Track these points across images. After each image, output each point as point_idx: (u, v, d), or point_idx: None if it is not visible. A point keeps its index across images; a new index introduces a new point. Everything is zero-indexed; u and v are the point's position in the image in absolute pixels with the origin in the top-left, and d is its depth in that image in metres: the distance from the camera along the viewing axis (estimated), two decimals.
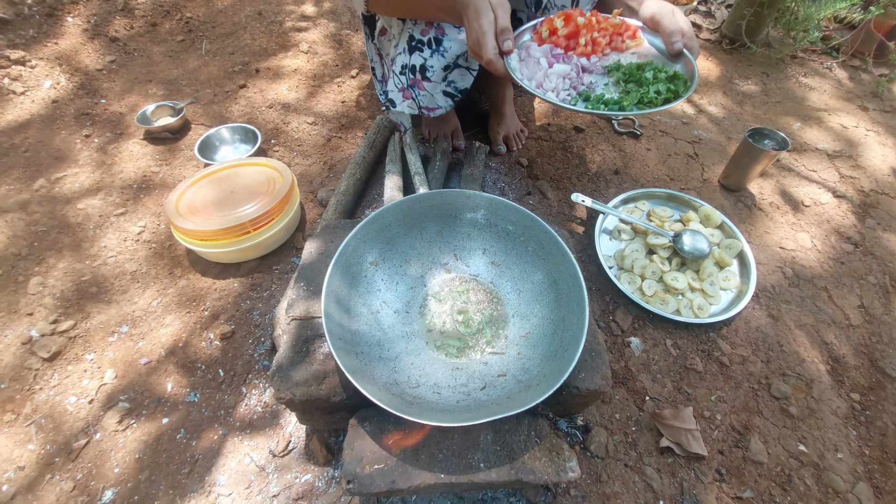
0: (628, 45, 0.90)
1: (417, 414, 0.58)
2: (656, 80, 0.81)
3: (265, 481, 0.84)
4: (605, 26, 0.88)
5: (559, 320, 0.73)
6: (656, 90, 0.79)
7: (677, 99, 0.78)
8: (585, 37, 0.86)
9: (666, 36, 0.83)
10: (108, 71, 1.66)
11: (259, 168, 1.18)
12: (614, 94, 0.83)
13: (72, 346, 1.01)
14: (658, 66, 0.84)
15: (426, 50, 1.02)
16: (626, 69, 0.84)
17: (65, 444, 0.89)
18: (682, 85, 0.80)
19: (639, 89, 0.81)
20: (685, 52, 0.83)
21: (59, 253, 1.15)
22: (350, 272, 0.76)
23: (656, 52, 0.89)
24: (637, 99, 0.79)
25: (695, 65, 0.82)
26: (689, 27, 0.84)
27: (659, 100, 0.78)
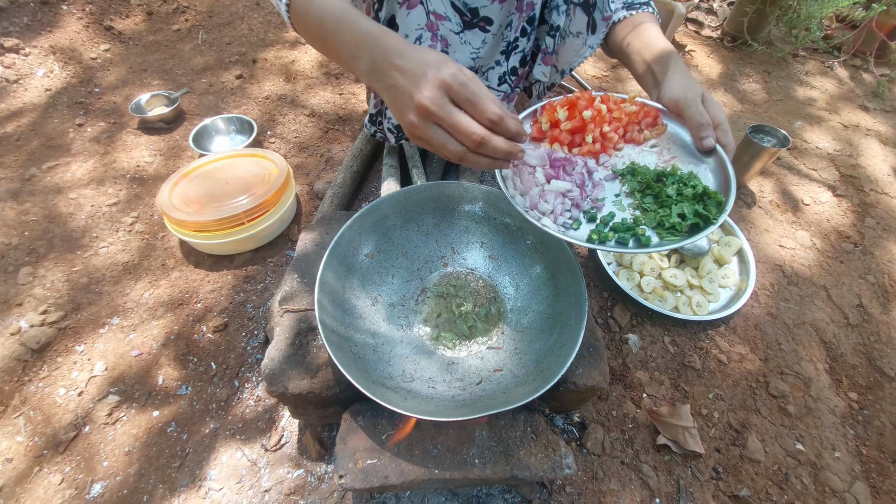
0: (647, 137, 0.71)
1: (411, 408, 0.57)
2: (681, 197, 0.62)
3: (257, 476, 0.83)
4: (618, 115, 0.70)
5: (557, 315, 0.72)
6: (680, 212, 0.60)
7: (707, 227, 0.58)
8: (593, 132, 0.69)
9: (694, 129, 0.66)
10: (103, 60, 1.63)
11: (254, 159, 1.17)
12: (627, 211, 0.64)
13: (62, 338, 0.99)
14: (683, 177, 0.64)
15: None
16: (643, 176, 0.65)
17: (54, 436, 0.88)
18: (713, 206, 0.60)
19: (658, 210, 0.62)
20: (719, 149, 0.65)
21: (50, 243, 1.13)
22: (345, 264, 0.74)
23: (682, 142, 0.70)
24: (656, 221, 0.61)
25: (730, 171, 0.62)
26: (722, 116, 0.65)
27: (683, 226, 0.59)
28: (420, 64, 0.51)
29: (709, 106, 0.66)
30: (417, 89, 0.50)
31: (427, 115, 0.50)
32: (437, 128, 0.50)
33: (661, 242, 0.59)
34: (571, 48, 0.95)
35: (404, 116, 0.52)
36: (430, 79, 0.49)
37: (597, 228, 0.62)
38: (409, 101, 0.51)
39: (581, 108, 0.68)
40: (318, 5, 0.61)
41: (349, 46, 0.58)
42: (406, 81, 0.51)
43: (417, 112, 0.50)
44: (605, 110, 0.69)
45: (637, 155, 0.70)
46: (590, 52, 0.97)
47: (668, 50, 0.75)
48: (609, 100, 0.71)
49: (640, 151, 0.71)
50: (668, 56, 0.74)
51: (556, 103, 0.71)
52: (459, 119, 0.49)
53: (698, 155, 0.67)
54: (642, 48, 0.77)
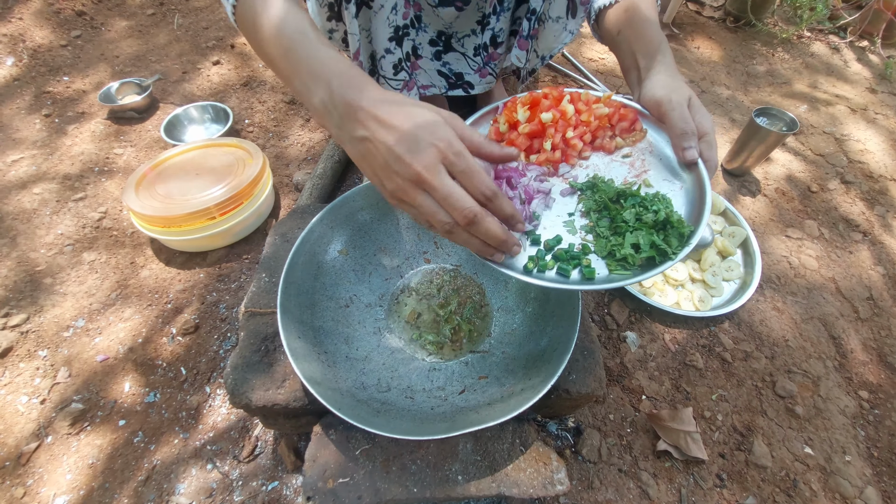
0: (619, 144, 0.61)
1: (384, 425, 0.51)
2: (639, 223, 0.52)
3: (228, 489, 0.77)
4: (586, 118, 0.60)
5: (548, 316, 0.66)
6: (634, 242, 0.50)
7: (663, 263, 0.49)
8: (553, 138, 0.58)
9: (675, 137, 0.56)
10: (73, 47, 1.55)
11: (228, 149, 1.09)
12: (577, 235, 0.55)
13: (24, 342, 0.93)
14: (646, 199, 0.54)
15: (412, 31, 0.91)
16: (602, 195, 0.55)
17: (15, 447, 0.82)
18: (675, 236, 0.50)
19: (611, 237, 0.53)
20: (700, 166, 0.55)
21: (13, 241, 1.06)
22: (315, 262, 0.68)
23: (660, 153, 0.60)
24: (606, 251, 0.52)
25: (707, 194, 0.52)
26: (709, 126, 0.56)
27: (636, 259, 0.50)
28: (408, 121, 0.44)
29: (695, 112, 0.57)
30: (411, 153, 0.43)
31: (419, 183, 0.43)
32: (426, 196, 0.44)
33: (607, 277, 0.50)
34: (551, 33, 0.88)
35: (390, 179, 0.45)
36: (424, 142, 0.43)
37: (536, 255, 0.52)
38: (397, 165, 0.43)
39: (543, 108, 0.59)
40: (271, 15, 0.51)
41: (301, 73, 0.49)
42: (392, 139, 0.43)
43: (409, 178, 0.43)
44: (572, 112, 0.59)
45: (605, 166, 0.60)
46: (570, 37, 0.90)
47: (658, 42, 0.65)
48: (579, 99, 0.61)
49: (610, 162, 0.60)
50: (655, 49, 0.64)
51: (519, 100, 0.61)
52: (453, 190, 0.43)
53: (677, 170, 0.58)
54: (632, 37, 0.67)
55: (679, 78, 0.61)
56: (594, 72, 1.64)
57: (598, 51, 1.76)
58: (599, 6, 0.73)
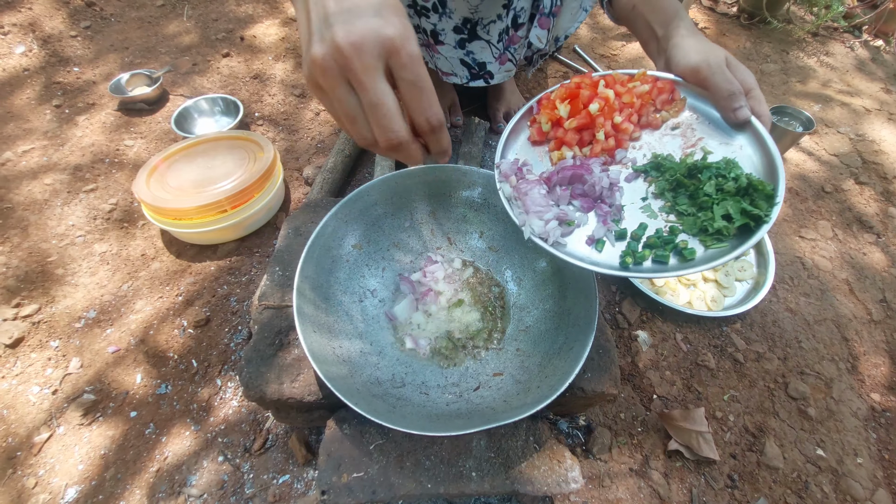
0: (664, 118, 0.59)
1: (400, 420, 0.51)
2: (721, 193, 0.50)
3: (240, 482, 0.78)
4: (628, 100, 0.58)
5: (564, 313, 0.65)
6: (724, 213, 0.48)
7: (760, 227, 0.47)
8: (604, 127, 0.57)
9: (722, 100, 0.54)
10: (83, 37, 1.54)
11: (239, 142, 1.09)
12: (660, 218, 0.52)
13: (35, 332, 0.93)
14: (720, 168, 0.51)
15: (433, 15, 0.90)
16: (671, 172, 0.53)
17: (27, 437, 0.82)
18: (762, 199, 0.48)
19: (697, 213, 0.50)
20: (754, 121, 0.53)
21: (25, 231, 1.06)
22: (329, 256, 0.67)
23: (706, 117, 0.58)
24: (697, 227, 0.49)
25: (772, 148, 0.50)
26: (753, 81, 0.54)
27: (731, 229, 0.47)
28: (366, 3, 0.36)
29: (735, 70, 0.55)
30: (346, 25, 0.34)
31: (344, 67, 0.35)
32: (349, 91, 0.36)
33: (707, 255, 0.47)
34: (569, 11, 0.87)
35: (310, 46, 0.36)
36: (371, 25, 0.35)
37: (628, 249, 0.49)
38: (325, 31, 0.35)
39: (584, 99, 0.57)
40: None
41: None
42: (335, 5, 0.35)
43: (332, 54, 0.35)
44: (613, 96, 0.58)
45: (657, 142, 0.58)
46: (584, 15, 0.89)
47: (674, 9, 0.64)
48: (615, 82, 0.60)
49: (661, 137, 0.58)
50: (672, 15, 0.63)
51: (554, 97, 0.59)
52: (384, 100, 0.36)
53: (729, 129, 0.56)
54: (647, 10, 0.67)
55: (705, 39, 0.60)
56: (606, 68, 1.62)
57: (609, 47, 1.75)
58: None
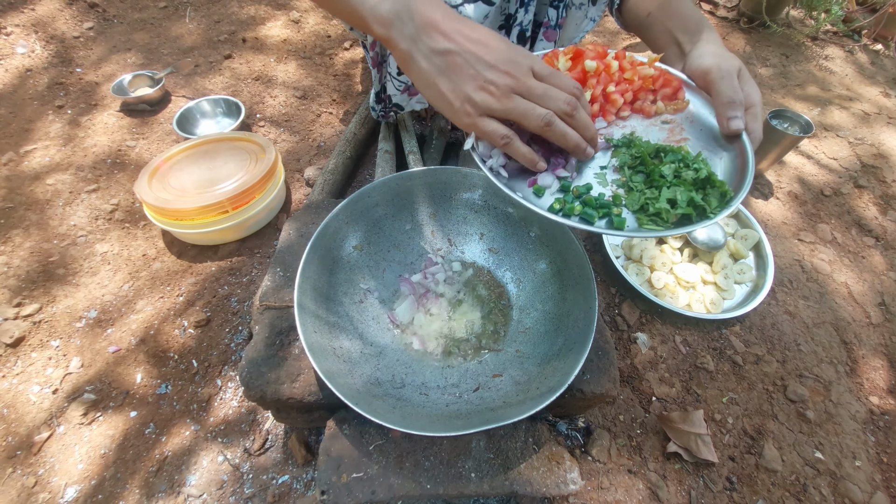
0: (660, 110, 0.59)
1: (399, 421, 0.51)
2: (677, 180, 0.50)
3: (239, 482, 0.78)
4: (629, 76, 0.58)
5: (563, 315, 0.65)
6: (671, 198, 0.48)
7: (700, 221, 0.48)
8: (594, 89, 0.56)
9: (721, 106, 0.54)
10: (86, 38, 1.55)
11: (240, 143, 1.09)
12: (609, 187, 0.53)
13: (36, 332, 0.93)
14: (687, 157, 0.52)
15: None
16: (638, 149, 0.53)
17: (27, 436, 0.82)
18: (715, 197, 0.49)
19: (645, 190, 0.51)
20: (743, 136, 0.54)
21: (26, 231, 1.07)
22: (330, 257, 0.68)
23: (702, 124, 0.58)
24: (639, 204, 0.50)
25: (750, 163, 0.51)
26: (757, 98, 0.55)
27: (671, 215, 0.48)
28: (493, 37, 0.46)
29: (744, 83, 0.55)
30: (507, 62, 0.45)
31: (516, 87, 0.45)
32: (517, 98, 0.46)
33: (637, 229, 0.48)
34: (573, 21, 0.86)
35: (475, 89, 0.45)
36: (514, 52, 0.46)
37: (563, 198, 0.51)
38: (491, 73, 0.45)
39: (587, 58, 0.57)
40: None
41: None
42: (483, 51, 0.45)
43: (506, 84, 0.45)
44: (616, 67, 0.58)
45: (643, 129, 0.58)
46: (591, 25, 0.88)
47: (699, 17, 0.64)
48: (624, 58, 0.59)
49: (648, 125, 0.58)
50: (699, 23, 0.63)
51: (561, 51, 0.59)
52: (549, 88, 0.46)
53: (719, 142, 0.55)
54: (666, 18, 0.66)
55: (726, 50, 0.60)
56: None
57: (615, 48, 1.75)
58: None
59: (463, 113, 0.46)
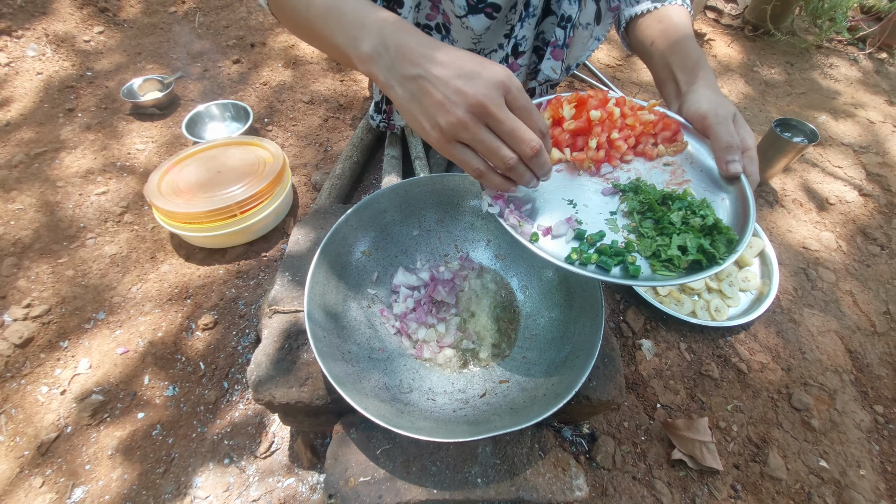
0: (661, 153, 0.62)
1: (408, 426, 0.51)
2: (686, 226, 0.52)
3: (245, 484, 0.78)
4: (631, 122, 0.61)
5: (570, 322, 0.66)
6: (682, 244, 0.50)
7: (710, 267, 0.49)
8: (598, 137, 0.59)
9: (720, 151, 0.57)
10: (97, 43, 1.57)
11: (248, 147, 1.11)
12: (620, 233, 0.54)
13: (45, 333, 0.94)
14: (693, 204, 0.54)
15: (435, 34, 0.91)
16: (646, 196, 0.55)
17: (35, 436, 0.83)
18: (722, 243, 0.50)
19: (656, 237, 0.53)
20: (742, 179, 0.56)
21: (36, 233, 1.08)
22: (339, 262, 0.68)
23: (701, 164, 0.60)
24: (651, 251, 0.52)
25: (751, 206, 0.53)
26: (752, 142, 0.58)
27: (682, 261, 0.50)
28: (464, 58, 0.44)
29: (739, 128, 0.58)
30: (472, 86, 0.42)
31: (482, 115, 0.43)
32: (488, 131, 0.44)
33: (651, 276, 0.50)
34: (580, 41, 0.88)
35: (446, 113, 0.44)
36: (486, 76, 0.43)
37: (579, 248, 0.52)
38: (456, 96, 0.43)
39: (591, 107, 0.59)
40: None
41: (345, 25, 0.50)
42: (449, 73, 0.43)
43: (470, 109, 0.43)
44: (618, 115, 0.60)
45: (646, 171, 0.61)
46: (596, 45, 0.90)
47: (696, 56, 0.66)
48: (625, 104, 0.62)
49: (651, 168, 0.61)
50: (695, 64, 0.65)
51: (564, 99, 0.61)
52: (518, 123, 0.44)
53: (718, 183, 0.58)
54: (667, 51, 0.68)
55: (721, 94, 0.62)
56: (611, 78, 1.64)
57: (614, 56, 1.77)
58: (630, 14, 0.73)
59: (434, 138, 0.46)
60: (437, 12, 0.84)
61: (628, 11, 0.74)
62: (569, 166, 0.61)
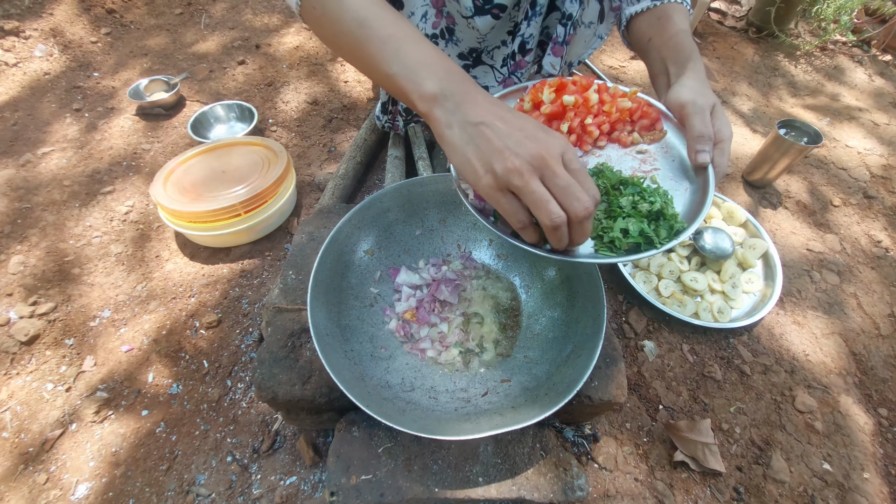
0: (635, 140, 0.62)
1: (410, 424, 0.52)
2: (633, 211, 0.53)
3: (247, 482, 0.79)
4: (607, 109, 0.61)
5: (572, 322, 0.66)
6: (624, 227, 0.52)
7: (647, 250, 0.52)
8: (571, 122, 0.59)
9: (691, 139, 0.57)
10: (103, 43, 1.59)
11: (253, 148, 1.11)
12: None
13: (51, 330, 0.95)
14: (646, 190, 0.55)
15: (440, 41, 0.91)
16: (604, 180, 0.56)
17: (40, 433, 0.84)
18: (665, 228, 0.52)
19: (603, 220, 0.54)
20: (709, 170, 0.57)
21: (43, 231, 1.09)
22: (342, 261, 0.69)
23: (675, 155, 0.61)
24: (596, 233, 0.53)
25: (709, 195, 0.55)
26: (727, 134, 0.58)
27: (623, 243, 0.51)
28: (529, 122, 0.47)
29: (716, 119, 0.58)
30: (535, 140, 0.45)
31: (540, 168, 0.44)
32: (541, 184, 0.45)
33: (590, 254, 0.52)
34: (582, 39, 0.88)
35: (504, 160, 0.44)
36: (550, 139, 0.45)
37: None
38: (518, 147, 0.44)
39: (568, 92, 0.60)
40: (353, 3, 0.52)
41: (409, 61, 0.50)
42: (515, 129, 0.45)
43: (530, 160, 0.44)
44: (595, 100, 0.61)
45: (617, 158, 0.61)
46: (599, 43, 0.90)
47: (689, 50, 0.66)
48: (605, 90, 0.62)
49: (623, 155, 0.61)
50: (686, 57, 0.65)
51: (548, 83, 0.61)
52: (573, 182, 0.44)
53: (687, 173, 0.59)
54: (662, 46, 0.68)
55: (707, 85, 0.62)
56: (613, 79, 1.64)
57: (618, 58, 1.77)
58: (630, 13, 0.73)
59: (485, 183, 0.46)
60: (441, 17, 0.85)
61: (629, 10, 0.75)
62: None
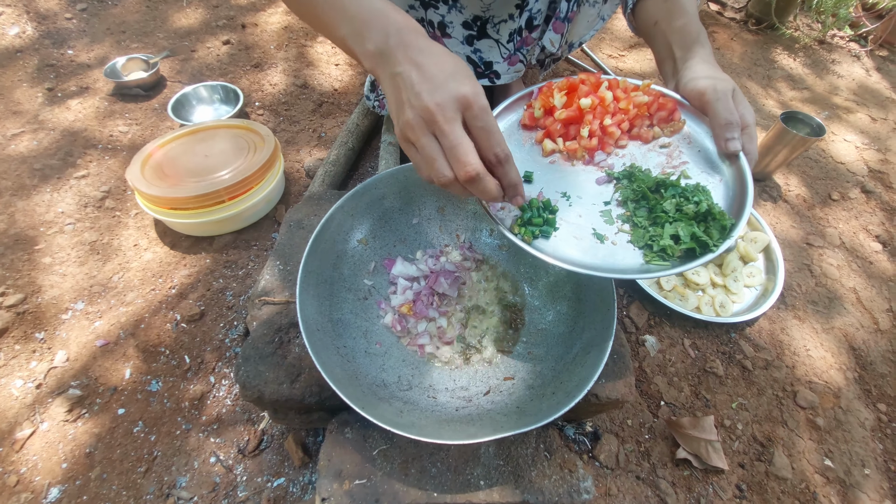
0: (657, 134, 0.59)
1: (407, 426, 0.48)
2: (679, 214, 0.50)
3: (232, 484, 0.74)
4: (625, 106, 0.58)
5: (579, 316, 0.63)
6: (674, 233, 0.48)
7: (703, 255, 0.48)
8: (591, 125, 0.57)
9: (718, 128, 0.55)
10: (79, 20, 1.50)
11: (238, 131, 1.05)
12: (615, 225, 0.53)
13: (20, 323, 0.89)
14: (687, 190, 0.52)
15: (442, 6, 0.86)
16: (640, 184, 0.53)
17: (9, 433, 0.78)
18: (716, 229, 0.49)
19: (648, 227, 0.51)
20: (741, 158, 0.54)
21: (12, 218, 1.02)
22: (334, 251, 0.64)
23: (699, 145, 0.58)
24: (644, 242, 0.50)
25: (749, 187, 0.51)
26: (752, 118, 0.56)
27: (675, 250, 0.48)
28: (441, 70, 0.45)
29: (738, 103, 0.56)
30: (430, 92, 0.43)
31: (430, 122, 0.43)
32: (432, 139, 0.44)
33: (643, 267, 0.48)
34: (585, 18, 0.85)
35: (402, 112, 0.45)
36: (449, 89, 0.43)
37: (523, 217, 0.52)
38: (414, 99, 0.44)
39: (582, 94, 0.57)
40: None
41: (355, 22, 0.49)
42: (419, 79, 0.44)
43: (420, 113, 0.43)
44: (610, 99, 0.58)
45: (642, 155, 0.58)
46: (601, 24, 0.88)
47: (696, 33, 0.63)
48: (618, 86, 0.59)
49: (647, 151, 0.59)
50: (693, 40, 0.62)
51: (555, 85, 0.58)
52: (462, 142, 0.43)
53: (715, 164, 0.56)
54: (668, 29, 0.66)
55: (719, 68, 0.60)
56: (613, 69, 1.60)
57: (616, 47, 1.73)
58: None
59: (397, 133, 0.47)
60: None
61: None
62: (563, 156, 0.59)
